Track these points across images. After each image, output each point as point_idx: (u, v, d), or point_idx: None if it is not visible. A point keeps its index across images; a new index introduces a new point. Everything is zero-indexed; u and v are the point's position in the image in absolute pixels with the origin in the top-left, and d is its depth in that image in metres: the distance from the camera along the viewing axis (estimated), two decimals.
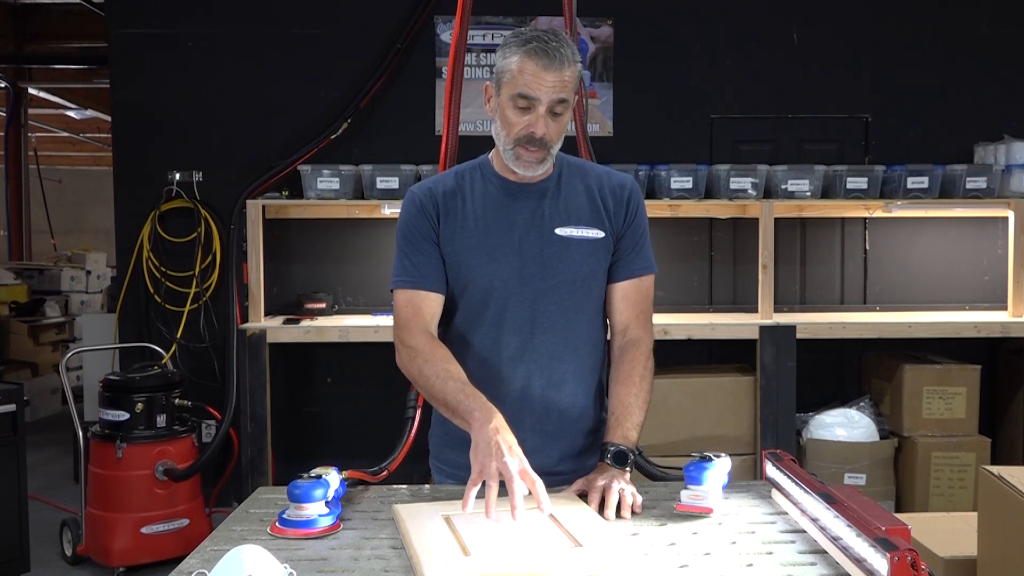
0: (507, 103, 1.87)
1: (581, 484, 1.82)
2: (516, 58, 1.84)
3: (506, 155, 1.92)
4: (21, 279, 9.40)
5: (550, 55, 1.82)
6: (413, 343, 1.91)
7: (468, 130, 4.80)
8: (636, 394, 1.94)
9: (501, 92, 1.89)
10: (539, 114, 1.85)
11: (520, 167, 1.92)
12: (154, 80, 4.96)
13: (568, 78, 1.85)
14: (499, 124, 1.91)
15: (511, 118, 1.87)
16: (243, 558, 1.31)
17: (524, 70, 1.83)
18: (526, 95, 1.84)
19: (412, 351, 1.90)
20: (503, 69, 1.87)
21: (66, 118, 11.86)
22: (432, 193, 1.99)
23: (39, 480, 5.65)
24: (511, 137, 1.89)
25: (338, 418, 5.03)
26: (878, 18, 5.01)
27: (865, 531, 1.37)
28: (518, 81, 1.84)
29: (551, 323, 1.94)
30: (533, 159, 1.89)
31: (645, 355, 2.00)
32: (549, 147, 1.89)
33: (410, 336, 1.92)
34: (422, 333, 1.92)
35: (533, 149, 1.88)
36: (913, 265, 5.07)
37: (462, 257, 1.96)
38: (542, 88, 1.83)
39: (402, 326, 1.95)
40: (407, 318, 1.94)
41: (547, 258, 1.95)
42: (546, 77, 1.82)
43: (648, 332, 2.04)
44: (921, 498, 4.42)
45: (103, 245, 12.01)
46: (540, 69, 1.82)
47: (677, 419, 4.42)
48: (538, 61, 1.82)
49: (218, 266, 4.85)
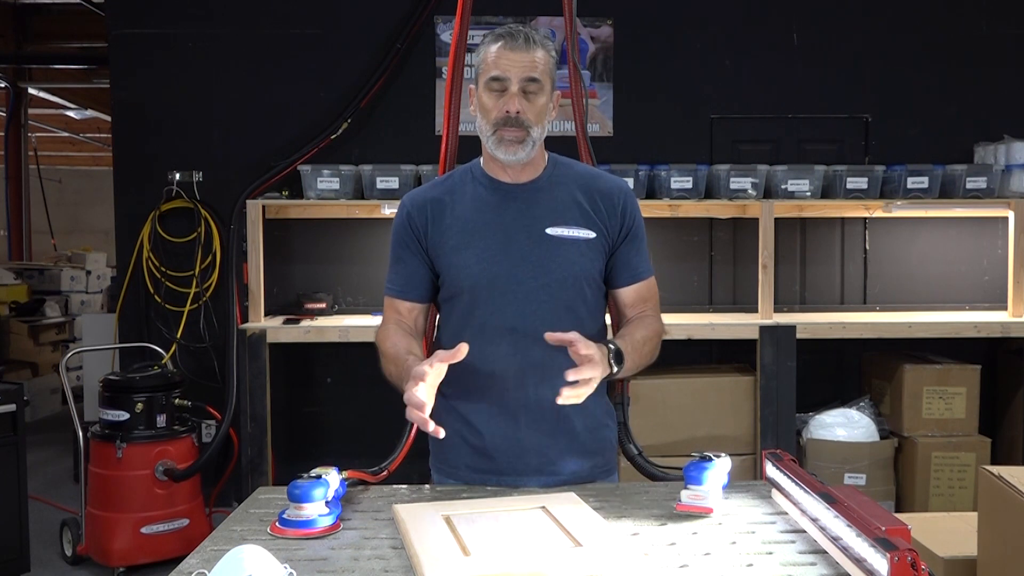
0: (483, 91, 1.95)
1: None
2: (488, 48, 1.94)
3: (489, 144, 1.97)
4: (21, 279, 9.39)
5: (515, 37, 1.92)
6: (376, 340, 2.02)
7: (468, 130, 4.74)
8: (640, 331, 1.98)
9: (478, 85, 1.96)
10: (512, 92, 1.91)
11: (502, 152, 1.94)
12: (154, 80, 4.96)
13: (539, 60, 1.92)
14: (480, 116, 1.97)
15: (487, 103, 1.94)
16: (243, 558, 1.32)
17: (496, 55, 1.92)
18: (496, 76, 1.91)
19: (381, 355, 2.00)
20: (478, 63, 1.96)
21: (66, 118, 11.85)
22: (422, 201, 2.04)
23: (39, 480, 5.65)
24: (489, 122, 1.94)
25: (338, 418, 5.03)
26: (878, 18, 5.01)
27: (865, 531, 1.37)
28: (490, 67, 1.93)
29: (544, 322, 1.94)
30: (513, 138, 1.93)
31: (653, 319, 2.04)
32: (528, 128, 1.93)
33: (376, 334, 2.03)
34: (385, 327, 2.03)
35: (511, 128, 1.92)
36: (913, 265, 5.07)
37: (452, 260, 1.98)
38: (511, 68, 1.90)
39: (379, 330, 2.06)
40: (383, 323, 2.07)
41: (538, 258, 1.96)
42: (514, 57, 1.90)
43: (660, 318, 2.08)
44: (921, 498, 4.42)
45: (103, 245, 12.00)
46: (507, 51, 1.91)
47: (677, 419, 4.42)
48: (505, 44, 1.92)
49: (218, 266, 4.85)
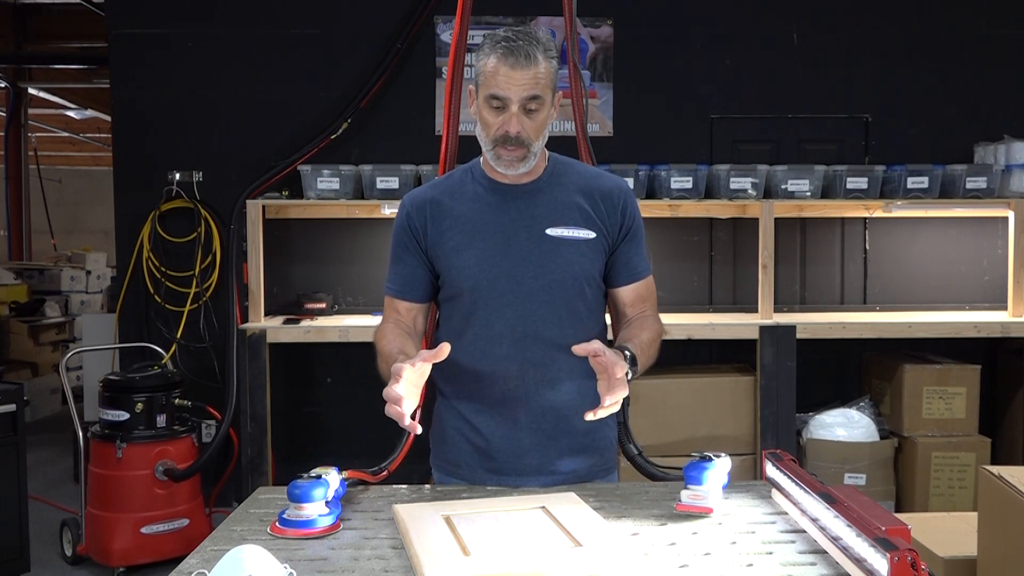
0: (483, 105, 1.92)
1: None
2: (489, 60, 1.89)
3: (488, 156, 1.96)
4: (21, 279, 9.39)
5: (517, 54, 1.85)
6: (377, 346, 2.00)
7: (468, 130, 4.76)
8: (645, 333, 1.96)
9: (479, 94, 1.93)
10: (512, 112, 1.88)
11: (501, 166, 1.94)
12: (154, 80, 4.95)
13: (542, 74, 1.87)
14: (479, 126, 1.95)
15: (487, 119, 1.92)
16: (243, 558, 1.32)
17: (495, 71, 1.87)
18: (497, 95, 1.88)
19: (377, 353, 2.00)
20: (479, 71, 1.92)
21: (66, 118, 11.85)
22: (421, 202, 2.03)
23: (39, 480, 5.65)
24: (489, 138, 1.93)
25: (338, 418, 5.03)
26: (878, 18, 5.01)
27: (865, 531, 1.37)
28: (490, 82, 1.88)
29: (544, 322, 1.95)
30: (512, 158, 1.92)
31: (654, 319, 2.04)
32: (528, 145, 1.91)
33: (376, 340, 2.01)
34: (382, 326, 2.03)
35: (511, 148, 1.91)
36: (913, 265, 5.07)
37: (452, 260, 1.98)
38: (511, 88, 1.86)
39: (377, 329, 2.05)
40: (382, 322, 2.06)
41: (538, 258, 1.96)
42: (515, 76, 1.86)
43: (659, 317, 2.07)
44: (921, 498, 4.42)
45: (103, 245, 12.01)
46: (509, 69, 1.86)
47: (677, 419, 4.42)
48: (506, 61, 1.86)
49: (218, 266, 4.85)
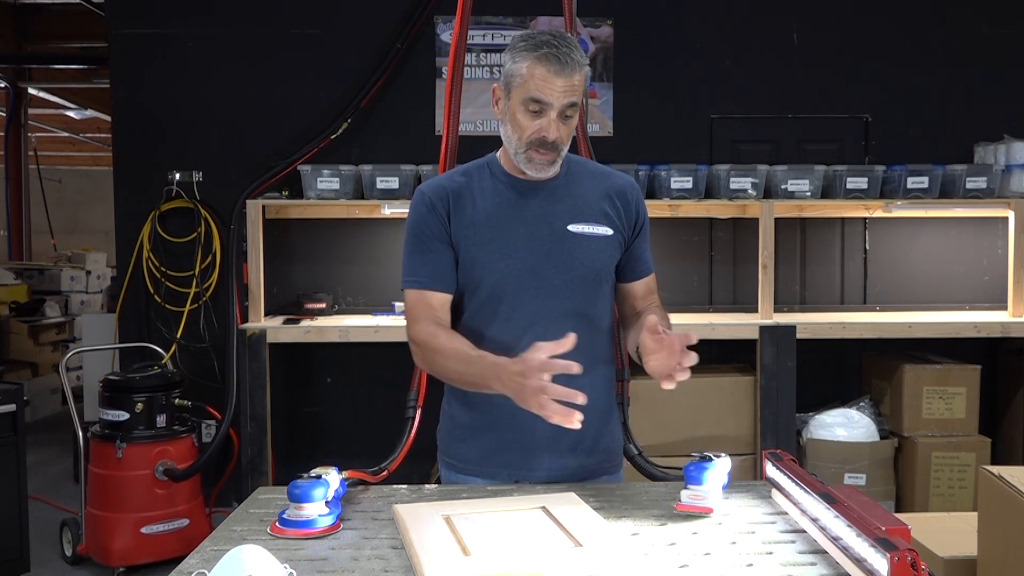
0: (518, 107, 1.90)
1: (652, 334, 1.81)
2: (527, 63, 1.87)
3: (517, 158, 1.95)
4: (21, 279, 9.39)
5: (562, 61, 1.85)
6: (420, 338, 1.96)
7: (468, 130, 4.80)
8: (664, 320, 1.97)
9: (511, 96, 1.91)
10: (551, 118, 1.89)
11: (532, 169, 1.95)
12: (154, 80, 4.96)
13: (578, 82, 1.89)
14: (509, 127, 1.94)
15: (522, 122, 1.91)
16: (243, 558, 1.31)
17: (535, 75, 1.86)
18: (539, 99, 1.87)
19: (420, 347, 1.96)
20: (513, 73, 1.89)
21: (66, 118, 11.85)
22: (442, 191, 2.01)
23: (39, 480, 5.65)
24: (523, 140, 1.92)
25: (338, 418, 5.03)
26: (878, 18, 5.01)
27: (865, 531, 1.37)
28: (529, 86, 1.87)
29: (565, 318, 1.96)
30: (545, 161, 1.93)
31: (663, 309, 2.08)
32: (560, 149, 1.94)
33: (417, 332, 1.97)
34: (428, 325, 1.96)
35: (544, 152, 1.92)
36: (913, 265, 5.07)
37: (474, 254, 1.97)
38: (554, 93, 1.86)
39: (412, 324, 1.99)
40: (416, 317, 1.99)
41: (561, 254, 1.97)
42: (557, 82, 1.85)
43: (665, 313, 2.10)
44: (921, 498, 4.42)
45: (103, 245, 11.99)
46: (551, 75, 1.85)
47: (677, 419, 4.42)
48: (550, 67, 1.85)
49: (218, 266, 4.85)
